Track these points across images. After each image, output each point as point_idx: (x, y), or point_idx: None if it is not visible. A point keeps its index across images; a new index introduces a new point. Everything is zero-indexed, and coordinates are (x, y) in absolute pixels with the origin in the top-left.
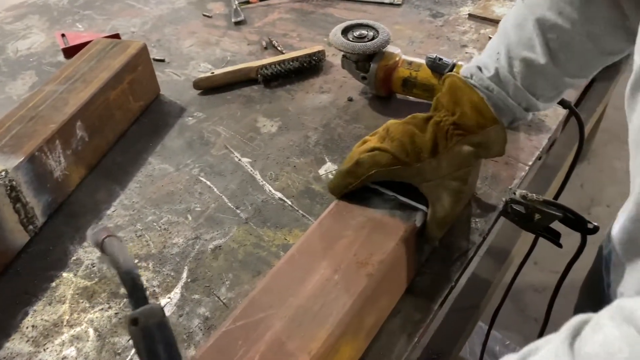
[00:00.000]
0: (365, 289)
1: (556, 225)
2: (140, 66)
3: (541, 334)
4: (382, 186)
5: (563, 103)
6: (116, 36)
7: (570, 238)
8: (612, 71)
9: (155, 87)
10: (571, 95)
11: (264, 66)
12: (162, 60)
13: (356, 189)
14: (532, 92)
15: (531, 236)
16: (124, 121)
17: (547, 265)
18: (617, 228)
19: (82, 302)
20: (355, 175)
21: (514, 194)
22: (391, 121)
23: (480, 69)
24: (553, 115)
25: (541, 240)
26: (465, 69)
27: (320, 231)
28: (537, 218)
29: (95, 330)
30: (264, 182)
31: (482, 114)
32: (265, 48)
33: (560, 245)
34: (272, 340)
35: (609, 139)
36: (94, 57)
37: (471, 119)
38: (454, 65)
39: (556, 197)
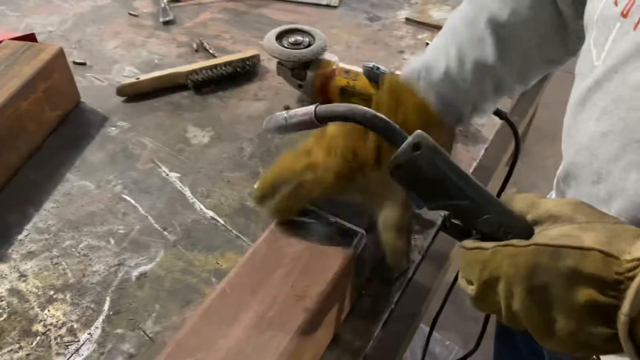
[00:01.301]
0: (302, 325)
1: None
2: (56, 72)
3: (482, 335)
4: (321, 208)
5: (499, 114)
6: (31, 36)
7: None
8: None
9: (75, 94)
10: (506, 104)
11: (195, 71)
12: (83, 64)
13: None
14: (481, 92)
15: None
16: (38, 133)
17: None
18: None
19: None
20: (298, 197)
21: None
22: (330, 129)
23: (428, 68)
24: (489, 125)
25: None
26: (411, 69)
27: (254, 261)
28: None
29: None
30: (194, 200)
31: (425, 116)
32: (196, 50)
33: None
34: None
35: (539, 138)
36: (1, 62)
37: (414, 121)
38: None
39: None
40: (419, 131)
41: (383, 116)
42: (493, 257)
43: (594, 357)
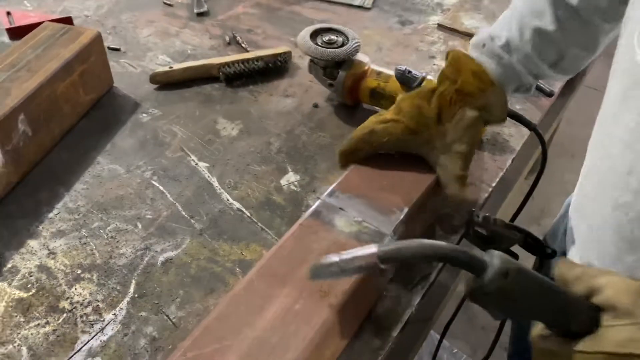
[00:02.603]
0: (326, 320)
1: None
2: (93, 57)
3: (494, 344)
4: (349, 207)
5: (528, 125)
6: (68, 19)
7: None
8: (568, 88)
9: (109, 79)
10: (535, 115)
11: (227, 64)
12: (117, 49)
13: (366, 156)
14: (541, 58)
15: None
16: (72, 116)
17: None
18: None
19: (16, 316)
20: (369, 142)
21: (477, 216)
22: (400, 96)
23: (492, 38)
24: (517, 135)
25: None
26: (477, 39)
27: (282, 254)
28: (497, 240)
29: (30, 348)
30: (222, 190)
31: (481, 78)
32: (229, 43)
33: None
34: None
35: (560, 152)
36: (41, 43)
37: (472, 84)
38: (423, 79)
39: (515, 216)
40: (502, 255)
41: (458, 247)
42: None
43: None
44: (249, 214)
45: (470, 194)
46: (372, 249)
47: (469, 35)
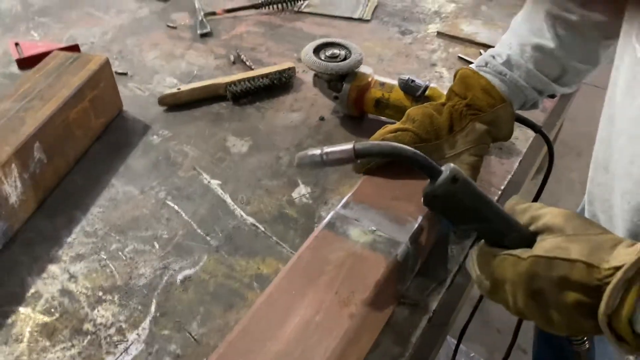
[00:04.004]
0: (347, 330)
1: None
2: (102, 82)
3: (512, 346)
4: (363, 218)
5: (534, 127)
6: (75, 47)
7: None
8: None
9: (118, 103)
10: (539, 117)
11: (233, 82)
12: (125, 74)
13: (377, 166)
14: (544, 74)
15: None
16: (85, 140)
17: None
18: None
19: (42, 340)
20: None
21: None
22: (411, 108)
23: (493, 57)
24: (523, 138)
25: None
26: (479, 59)
27: (300, 267)
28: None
29: None
30: (235, 207)
31: (491, 94)
32: (234, 62)
33: None
34: None
35: (565, 151)
36: (52, 72)
37: (482, 100)
38: (426, 88)
39: None
40: (453, 165)
41: (419, 152)
42: (501, 264)
43: None
44: (263, 229)
45: None
46: (349, 145)
47: (468, 42)
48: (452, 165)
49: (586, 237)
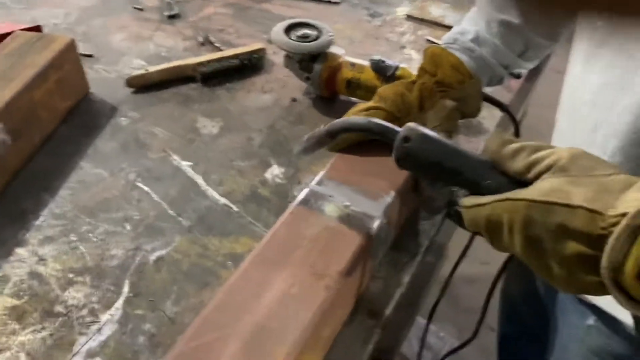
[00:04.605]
0: (323, 302)
1: None
2: (67, 63)
3: (480, 323)
4: (337, 194)
5: (500, 106)
6: (37, 28)
7: None
8: (534, 70)
9: (84, 85)
10: (505, 97)
11: (202, 63)
12: (90, 56)
13: (350, 144)
14: (510, 49)
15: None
16: (50, 122)
17: (476, 257)
18: None
19: (11, 323)
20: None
21: (457, 196)
22: (382, 87)
23: (462, 33)
24: (490, 117)
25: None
26: (447, 36)
27: (274, 242)
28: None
29: (28, 354)
30: (207, 187)
31: (459, 71)
32: (202, 44)
33: None
34: None
35: (531, 134)
36: (14, 52)
37: (451, 77)
38: (397, 68)
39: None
40: (407, 124)
41: (377, 120)
42: (493, 211)
43: None
44: (236, 209)
45: None
46: (321, 129)
47: (437, 25)
48: (408, 124)
49: (592, 179)
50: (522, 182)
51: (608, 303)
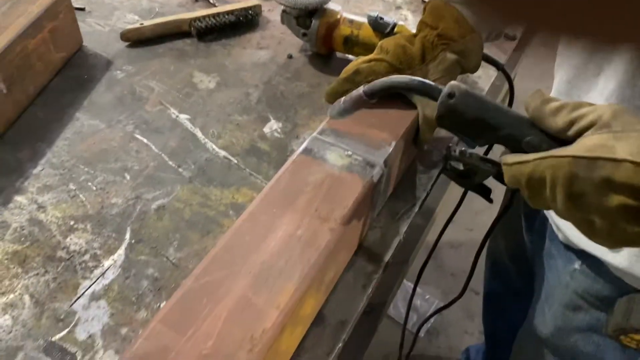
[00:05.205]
0: (328, 243)
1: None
2: (61, 13)
3: (466, 285)
4: (340, 143)
5: (496, 65)
6: None
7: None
8: (528, 32)
9: (78, 37)
10: (500, 58)
11: (198, 18)
12: (82, 9)
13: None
14: None
15: (454, 196)
16: (45, 73)
17: (462, 223)
18: None
19: (13, 267)
20: (354, 82)
21: (454, 151)
22: (383, 40)
23: None
24: (485, 76)
25: (456, 200)
26: None
27: (279, 188)
28: (472, 174)
29: (32, 296)
30: (206, 140)
31: (461, 25)
32: (196, 0)
33: (490, 201)
34: (239, 297)
35: (518, 106)
36: (7, 0)
37: (453, 29)
38: (394, 25)
39: (488, 150)
40: (451, 82)
41: (419, 78)
42: (536, 168)
43: None
44: (236, 161)
45: (447, 132)
46: (360, 88)
47: None
48: (451, 82)
49: (636, 134)
50: (562, 140)
51: (596, 246)
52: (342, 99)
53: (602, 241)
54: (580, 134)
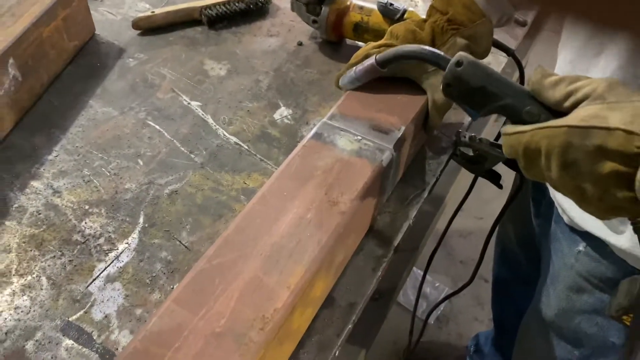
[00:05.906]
0: (337, 226)
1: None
2: (74, 1)
3: (476, 272)
4: (349, 128)
5: (507, 50)
6: None
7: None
8: (538, 18)
9: (90, 25)
10: (511, 44)
11: (209, 6)
12: None
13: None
14: None
15: (463, 184)
16: (58, 61)
17: (471, 211)
18: None
19: (31, 250)
20: None
21: (463, 137)
22: (393, 25)
23: None
24: (495, 62)
25: (466, 188)
26: None
27: (290, 172)
28: (482, 160)
29: (49, 278)
30: (218, 127)
31: (471, 10)
32: None
33: (500, 187)
34: (250, 278)
35: None
36: None
37: (462, 14)
38: (404, 11)
39: (498, 135)
40: (459, 52)
41: (429, 47)
42: (532, 138)
43: None
44: (246, 147)
45: (456, 117)
46: (371, 58)
47: None
48: (459, 52)
49: (629, 104)
50: (560, 112)
51: (599, 227)
52: (354, 68)
53: (593, 209)
54: (576, 105)
